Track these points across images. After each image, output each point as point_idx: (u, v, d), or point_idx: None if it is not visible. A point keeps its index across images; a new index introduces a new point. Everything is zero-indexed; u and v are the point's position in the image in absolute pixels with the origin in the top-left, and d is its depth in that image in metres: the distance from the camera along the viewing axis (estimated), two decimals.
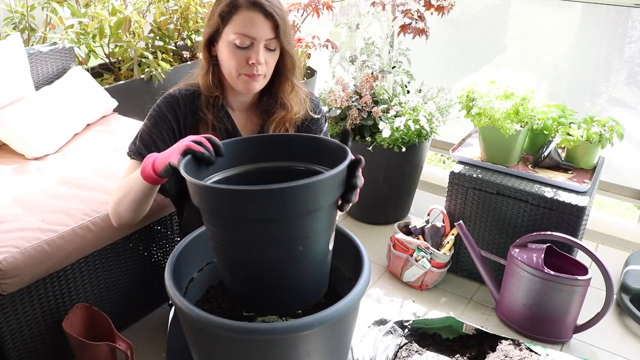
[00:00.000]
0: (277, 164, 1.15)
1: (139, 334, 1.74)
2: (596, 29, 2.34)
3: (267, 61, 1.25)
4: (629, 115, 2.37)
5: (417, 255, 1.95)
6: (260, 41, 1.22)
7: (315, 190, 0.91)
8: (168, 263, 1.07)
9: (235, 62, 1.24)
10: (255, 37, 1.21)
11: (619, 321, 1.87)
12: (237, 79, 1.26)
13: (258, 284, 0.97)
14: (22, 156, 1.91)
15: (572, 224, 1.77)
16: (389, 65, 2.43)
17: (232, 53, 1.23)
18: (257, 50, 1.22)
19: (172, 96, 1.35)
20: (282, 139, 1.19)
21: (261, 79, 1.27)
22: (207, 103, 1.34)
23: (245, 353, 0.95)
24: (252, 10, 1.20)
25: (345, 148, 1.02)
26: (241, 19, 1.21)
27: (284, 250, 0.94)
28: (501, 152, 1.94)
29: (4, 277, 1.34)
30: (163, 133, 1.34)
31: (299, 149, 1.13)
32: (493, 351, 1.60)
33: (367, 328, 1.69)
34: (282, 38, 1.23)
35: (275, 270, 0.96)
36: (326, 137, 1.45)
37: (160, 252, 1.77)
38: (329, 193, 0.95)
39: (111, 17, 2.44)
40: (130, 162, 1.37)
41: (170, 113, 1.34)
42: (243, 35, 1.21)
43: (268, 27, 1.21)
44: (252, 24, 1.20)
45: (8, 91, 1.97)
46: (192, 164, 1.05)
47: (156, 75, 2.46)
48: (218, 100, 1.35)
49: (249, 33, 1.21)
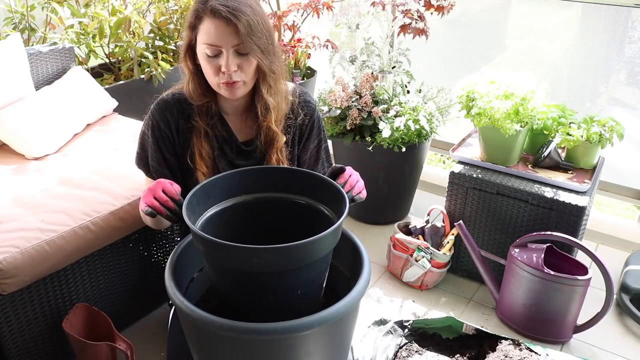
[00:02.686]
0: (275, 194, 1.18)
1: (139, 334, 1.74)
2: (596, 29, 2.34)
3: (241, 66, 1.23)
4: (629, 115, 2.37)
5: (417, 255, 1.95)
6: (227, 48, 1.20)
7: (319, 244, 0.94)
8: (168, 263, 1.07)
9: (211, 72, 1.24)
10: (220, 44, 1.20)
11: (619, 321, 1.87)
12: (218, 88, 1.26)
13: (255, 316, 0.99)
14: (22, 156, 1.91)
15: (572, 224, 1.77)
16: (389, 65, 2.43)
17: (207, 63, 1.23)
18: (225, 57, 1.20)
19: (164, 101, 1.35)
20: (280, 171, 1.21)
21: (241, 86, 1.25)
22: (199, 111, 1.33)
23: (245, 353, 0.96)
24: (213, 18, 1.18)
25: (343, 193, 1.07)
26: (205, 28, 1.20)
27: (282, 294, 0.96)
28: (501, 152, 1.94)
29: (4, 277, 1.34)
30: (161, 144, 1.36)
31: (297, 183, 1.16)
32: (493, 351, 1.60)
33: (367, 328, 1.69)
34: (247, 43, 1.19)
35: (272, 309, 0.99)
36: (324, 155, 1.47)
37: (160, 252, 1.77)
38: (329, 244, 0.97)
39: (111, 17, 2.44)
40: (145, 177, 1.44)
41: (163, 121, 1.34)
42: (209, 45, 1.20)
43: (232, 33, 1.18)
44: (215, 33, 1.19)
45: (8, 91, 1.97)
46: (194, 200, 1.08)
47: (156, 75, 2.46)
48: (211, 107, 1.34)
49: (214, 42, 1.20)
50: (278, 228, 1.16)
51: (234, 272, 0.97)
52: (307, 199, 1.15)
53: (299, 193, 1.16)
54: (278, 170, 1.22)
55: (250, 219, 1.17)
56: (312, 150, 1.44)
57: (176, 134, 1.35)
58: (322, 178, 1.13)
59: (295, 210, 1.16)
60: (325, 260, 1.02)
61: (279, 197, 1.17)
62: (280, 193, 1.17)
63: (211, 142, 1.34)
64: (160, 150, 1.36)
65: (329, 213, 1.11)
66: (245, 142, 1.38)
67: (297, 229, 1.07)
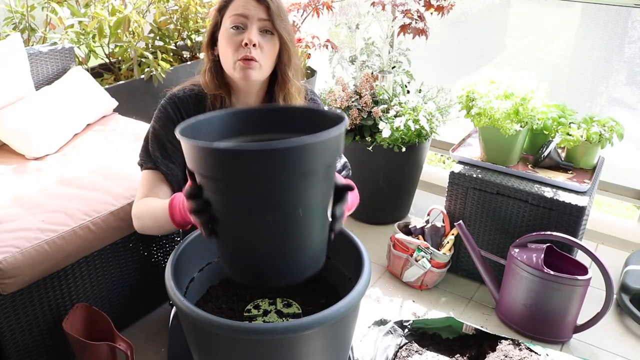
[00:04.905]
0: (272, 135, 1.13)
1: (139, 334, 1.74)
2: (596, 29, 2.34)
3: (262, 46, 1.25)
4: (629, 115, 2.37)
5: (417, 255, 1.95)
6: (253, 21, 1.23)
7: (316, 148, 0.90)
8: (169, 263, 1.07)
9: (231, 48, 1.25)
10: (248, 15, 1.23)
11: (619, 321, 1.87)
12: (234, 68, 1.26)
13: (257, 251, 0.95)
14: (22, 156, 1.91)
15: (572, 224, 1.78)
16: (389, 65, 2.43)
17: (228, 39, 1.25)
18: (250, 29, 1.23)
19: (177, 97, 1.35)
20: (277, 110, 1.17)
21: (256, 67, 1.26)
22: (213, 104, 1.33)
23: (245, 353, 0.96)
24: None
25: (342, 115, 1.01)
26: (235, 4, 1.25)
27: (283, 213, 0.92)
28: (501, 152, 1.94)
29: (4, 277, 1.34)
30: (173, 136, 1.32)
31: (294, 120, 1.11)
32: (493, 351, 1.60)
33: (367, 328, 1.69)
34: (276, 22, 1.24)
35: (275, 235, 0.94)
36: None
37: (160, 252, 1.77)
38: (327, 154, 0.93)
39: (111, 17, 2.44)
40: (144, 173, 1.36)
41: (176, 114, 1.33)
42: (236, 16, 1.23)
43: (261, 9, 1.23)
44: (244, 5, 1.23)
45: (8, 91, 1.97)
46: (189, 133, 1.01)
47: (156, 75, 2.46)
48: (224, 102, 1.34)
49: (241, 12, 1.23)
50: None
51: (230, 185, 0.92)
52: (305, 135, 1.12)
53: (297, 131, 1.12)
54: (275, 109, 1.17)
55: None
56: None
57: None
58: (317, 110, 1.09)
59: None
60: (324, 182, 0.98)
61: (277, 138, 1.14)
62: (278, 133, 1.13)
63: None
64: (171, 142, 1.34)
65: None
66: None
67: None
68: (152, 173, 1.35)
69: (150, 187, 1.34)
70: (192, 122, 1.03)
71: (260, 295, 1.18)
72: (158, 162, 1.34)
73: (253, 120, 1.13)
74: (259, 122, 1.13)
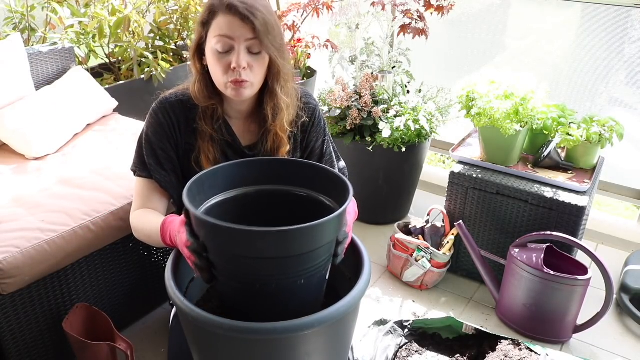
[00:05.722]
0: (276, 187, 1.17)
1: (139, 334, 1.74)
2: (596, 29, 2.34)
3: (251, 66, 1.21)
4: (629, 115, 2.37)
5: (417, 255, 1.95)
6: (240, 42, 1.18)
7: (322, 229, 0.93)
8: (169, 263, 1.07)
9: (220, 70, 1.21)
10: (234, 36, 1.18)
11: (619, 321, 1.87)
12: (225, 87, 1.23)
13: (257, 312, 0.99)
14: (22, 156, 1.91)
15: (572, 224, 1.78)
16: (389, 65, 2.43)
17: (216, 60, 1.21)
18: (237, 52, 1.18)
19: (168, 101, 1.33)
20: (281, 163, 1.20)
21: (248, 86, 1.23)
22: (204, 115, 1.31)
23: (245, 353, 0.96)
24: (228, 14, 1.17)
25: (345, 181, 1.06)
26: (219, 23, 1.19)
27: (285, 283, 0.96)
28: (501, 152, 1.94)
29: (4, 277, 1.34)
30: (163, 141, 1.33)
31: (298, 174, 1.15)
32: (493, 351, 1.60)
33: (367, 328, 1.69)
34: (264, 40, 1.18)
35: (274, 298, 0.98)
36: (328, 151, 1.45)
37: (160, 252, 1.77)
38: (333, 230, 0.97)
39: (111, 17, 2.44)
40: (138, 181, 1.37)
41: (166, 119, 1.32)
42: (222, 37, 1.18)
43: (246, 28, 1.17)
44: (229, 26, 1.18)
45: (8, 91, 1.97)
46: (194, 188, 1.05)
47: (156, 75, 2.46)
48: (216, 111, 1.31)
49: (227, 34, 1.18)
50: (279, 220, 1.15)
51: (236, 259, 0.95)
52: (308, 190, 1.14)
53: (300, 185, 1.15)
54: (280, 162, 1.21)
55: (251, 211, 1.16)
56: (316, 150, 1.44)
57: (179, 134, 1.33)
58: (322, 168, 1.13)
59: (297, 202, 1.15)
60: (329, 250, 1.01)
61: (281, 190, 1.16)
62: (282, 185, 1.16)
63: (215, 146, 1.33)
64: (163, 149, 1.33)
65: (331, 203, 1.11)
66: (249, 147, 1.36)
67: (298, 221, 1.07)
68: (146, 182, 1.36)
69: (145, 198, 1.35)
70: (196, 179, 1.07)
71: None
72: (152, 169, 1.34)
73: (259, 171, 1.17)
74: (264, 173, 1.17)
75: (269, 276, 0.95)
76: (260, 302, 0.99)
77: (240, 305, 1.02)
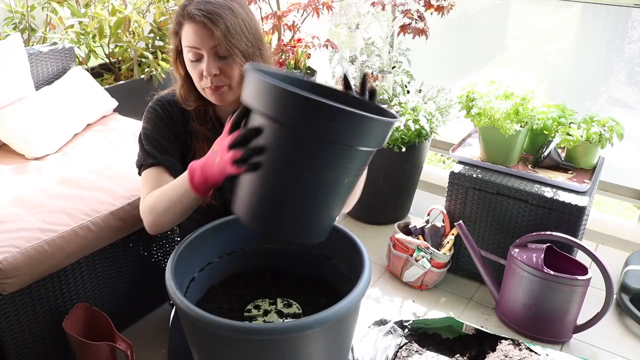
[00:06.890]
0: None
1: (139, 334, 1.74)
2: (596, 29, 2.34)
3: (223, 70, 1.22)
4: (629, 115, 2.37)
5: (417, 255, 1.95)
6: (206, 50, 1.20)
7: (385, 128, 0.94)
8: (169, 263, 1.07)
9: (196, 77, 1.24)
10: (199, 46, 1.20)
11: (619, 321, 1.87)
12: (204, 93, 1.26)
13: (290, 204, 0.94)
14: (22, 156, 1.91)
15: (572, 224, 1.78)
16: (389, 65, 2.43)
17: (191, 68, 1.24)
18: (206, 61, 1.20)
19: (165, 99, 1.35)
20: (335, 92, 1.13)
21: (226, 90, 1.24)
22: (197, 116, 1.32)
23: (245, 353, 0.96)
24: (191, 23, 1.19)
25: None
26: (186, 32, 1.21)
27: (332, 176, 0.93)
28: (501, 152, 1.94)
29: (4, 277, 1.34)
30: (165, 131, 1.33)
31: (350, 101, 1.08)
32: (493, 351, 1.60)
33: (367, 328, 1.69)
34: (227, 45, 1.19)
35: (315, 191, 0.94)
36: None
37: (160, 252, 1.77)
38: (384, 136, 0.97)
39: (111, 17, 2.44)
40: (146, 172, 1.32)
41: (165, 112, 1.34)
42: (190, 48, 1.21)
43: (209, 35, 1.18)
44: (193, 36, 1.20)
45: (8, 91, 1.97)
46: None
47: (156, 75, 2.46)
48: (207, 112, 1.33)
49: (193, 44, 1.20)
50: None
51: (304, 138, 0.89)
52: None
53: None
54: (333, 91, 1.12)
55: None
56: None
57: (179, 128, 1.34)
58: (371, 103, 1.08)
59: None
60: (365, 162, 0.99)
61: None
62: None
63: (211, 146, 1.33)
64: (166, 138, 1.32)
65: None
66: None
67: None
68: (154, 170, 1.31)
69: (156, 183, 1.29)
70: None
71: (260, 295, 1.18)
72: (158, 157, 1.31)
73: None
74: None
75: (323, 165, 0.90)
76: (298, 192, 0.93)
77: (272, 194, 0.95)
